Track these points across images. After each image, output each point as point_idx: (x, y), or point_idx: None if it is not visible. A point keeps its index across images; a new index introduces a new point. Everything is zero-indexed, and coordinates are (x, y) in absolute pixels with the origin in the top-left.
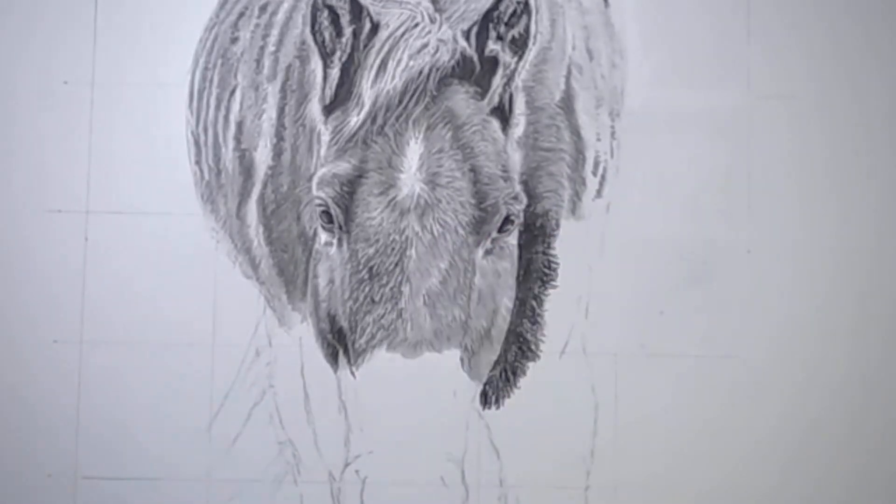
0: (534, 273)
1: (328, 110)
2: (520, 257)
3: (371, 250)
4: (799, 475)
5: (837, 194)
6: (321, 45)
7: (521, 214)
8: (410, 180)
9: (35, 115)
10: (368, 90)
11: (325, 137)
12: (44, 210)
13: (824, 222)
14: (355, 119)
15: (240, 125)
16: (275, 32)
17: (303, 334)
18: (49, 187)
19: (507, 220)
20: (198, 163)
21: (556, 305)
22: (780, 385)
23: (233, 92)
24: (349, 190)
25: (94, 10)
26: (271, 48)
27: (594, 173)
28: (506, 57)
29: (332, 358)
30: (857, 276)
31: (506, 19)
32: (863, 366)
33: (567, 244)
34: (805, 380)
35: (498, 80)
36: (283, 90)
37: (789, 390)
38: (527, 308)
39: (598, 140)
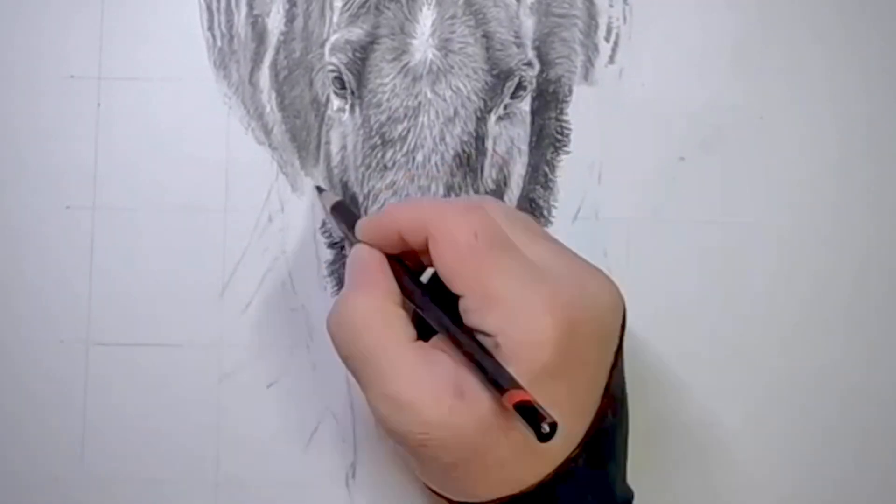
0: (546, 139)
1: None
2: (532, 123)
3: (383, 116)
4: (813, 326)
5: (855, 59)
6: None
7: (534, 80)
8: (423, 46)
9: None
10: None
11: (338, 3)
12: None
13: (841, 85)
14: None
15: None
16: None
17: (315, 200)
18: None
19: (520, 86)
20: (210, 28)
21: (568, 171)
22: (794, 248)
23: None
24: (361, 56)
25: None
26: None
27: (607, 39)
28: None
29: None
30: (873, 136)
31: None
32: (881, 223)
33: (579, 110)
34: (820, 242)
35: None
36: None
37: (804, 252)
38: (539, 174)
39: (611, 6)
